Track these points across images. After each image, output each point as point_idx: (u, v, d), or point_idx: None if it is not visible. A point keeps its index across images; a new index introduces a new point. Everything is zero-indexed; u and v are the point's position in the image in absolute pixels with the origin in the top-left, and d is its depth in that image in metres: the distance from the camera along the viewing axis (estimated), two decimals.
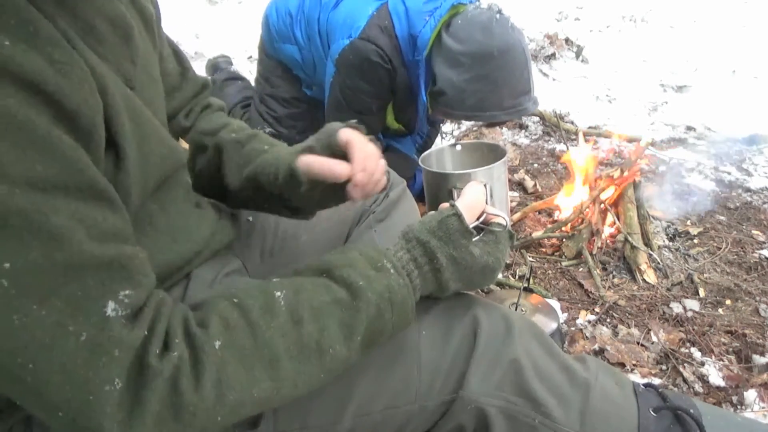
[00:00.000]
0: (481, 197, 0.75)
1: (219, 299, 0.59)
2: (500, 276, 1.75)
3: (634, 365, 1.45)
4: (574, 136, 2.56)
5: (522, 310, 1.43)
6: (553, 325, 1.43)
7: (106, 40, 0.61)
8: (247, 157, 0.86)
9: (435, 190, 0.83)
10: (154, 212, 0.71)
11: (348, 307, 0.62)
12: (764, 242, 1.96)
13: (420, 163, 0.84)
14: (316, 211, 0.90)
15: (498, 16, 1.58)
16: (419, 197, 1.69)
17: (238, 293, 0.60)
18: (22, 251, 0.45)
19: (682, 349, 1.50)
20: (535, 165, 2.40)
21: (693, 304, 1.65)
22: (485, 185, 0.81)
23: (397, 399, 0.72)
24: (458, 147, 0.91)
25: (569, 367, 0.78)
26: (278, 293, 0.60)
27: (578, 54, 3.59)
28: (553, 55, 3.51)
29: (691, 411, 0.78)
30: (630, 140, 2.59)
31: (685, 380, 1.41)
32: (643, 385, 0.83)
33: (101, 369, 0.47)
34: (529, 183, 2.22)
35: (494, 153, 0.89)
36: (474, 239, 0.72)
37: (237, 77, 2.42)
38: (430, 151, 0.87)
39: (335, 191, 0.80)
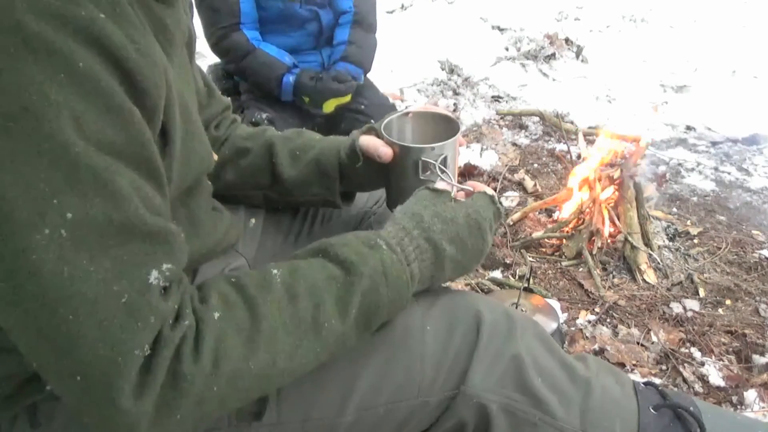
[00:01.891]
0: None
1: (218, 279, 0.61)
2: (500, 276, 1.75)
3: (634, 365, 1.45)
4: (574, 136, 2.56)
5: (522, 310, 1.44)
6: (553, 325, 1.43)
7: (173, 41, 0.65)
8: (305, 145, 0.96)
9: (400, 162, 0.85)
10: (179, 207, 0.73)
11: (342, 282, 0.63)
12: (764, 242, 1.96)
13: (383, 132, 0.85)
14: (358, 191, 1.00)
15: None
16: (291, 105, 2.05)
17: (237, 274, 0.62)
18: (85, 205, 0.47)
19: (682, 349, 1.50)
20: (535, 165, 2.40)
21: (693, 304, 1.65)
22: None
23: (400, 393, 0.72)
24: (409, 114, 0.92)
25: (570, 365, 0.78)
26: (275, 271, 0.62)
27: (578, 54, 3.59)
28: (553, 55, 3.51)
29: (691, 409, 0.78)
30: (630, 140, 2.59)
31: (685, 380, 1.41)
32: (643, 383, 0.84)
33: (136, 333, 0.49)
34: (529, 183, 2.22)
35: (446, 122, 0.91)
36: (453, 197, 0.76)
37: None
38: (390, 119, 0.88)
39: (378, 174, 0.90)
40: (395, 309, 0.68)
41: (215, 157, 0.87)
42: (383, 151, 0.85)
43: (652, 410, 0.78)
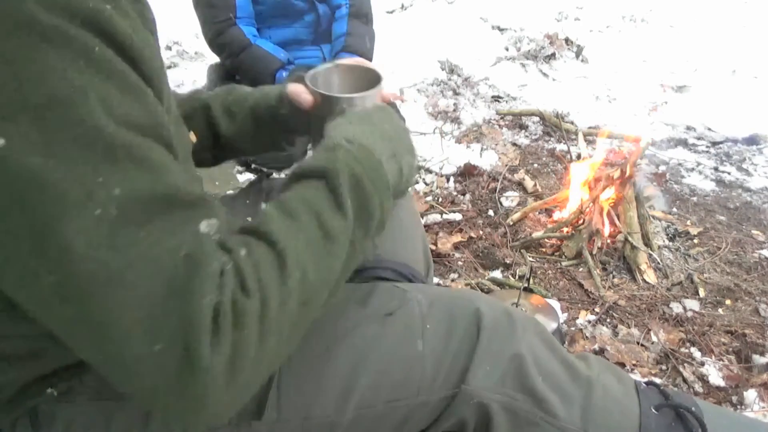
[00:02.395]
0: None
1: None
2: (500, 276, 1.75)
3: (634, 365, 1.45)
4: (574, 136, 2.56)
5: (522, 310, 1.43)
6: (553, 325, 1.43)
7: (154, 33, 0.66)
8: (238, 99, 0.97)
9: (323, 110, 0.88)
10: None
11: (327, 187, 0.62)
12: (764, 242, 1.96)
13: (308, 83, 0.88)
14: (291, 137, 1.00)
15: None
16: None
17: (231, 220, 0.63)
18: (129, 181, 0.48)
19: (682, 349, 1.50)
20: (535, 165, 2.40)
21: (693, 304, 1.65)
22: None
23: (400, 392, 0.72)
24: (337, 66, 0.95)
25: (571, 364, 0.78)
26: (264, 207, 0.62)
27: (578, 54, 3.59)
28: (553, 55, 3.51)
29: (693, 409, 0.78)
30: (630, 140, 2.59)
31: (685, 380, 1.41)
32: (645, 383, 0.84)
33: (204, 281, 0.49)
34: (529, 183, 2.22)
35: (371, 76, 0.94)
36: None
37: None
38: (318, 71, 0.90)
39: (305, 122, 0.91)
40: (383, 194, 0.66)
41: (193, 137, 0.88)
42: (305, 98, 0.86)
43: (653, 410, 0.78)
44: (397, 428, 0.75)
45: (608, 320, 1.60)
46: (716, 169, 2.48)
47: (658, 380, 1.41)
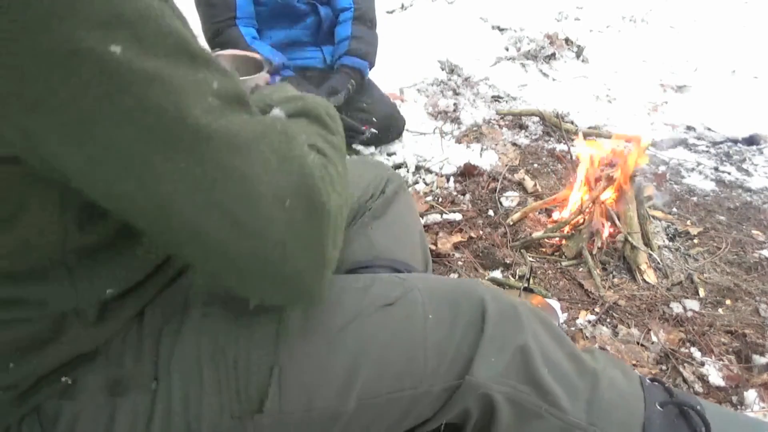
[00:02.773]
0: None
1: None
2: (500, 276, 1.75)
3: (634, 365, 1.45)
4: (574, 136, 2.56)
5: None
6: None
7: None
8: None
9: None
10: None
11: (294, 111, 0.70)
12: (764, 242, 1.96)
13: None
14: None
15: None
16: None
17: None
18: (217, 78, 0.53)
19: (682, 349, 1.50)
20: (535, 165, 2.40)
21: (693, 304, 1.65)
22: None
23: (403, 382, 0.72)
24: (217, 56, 0.97)
25: (577, 356, 0.78)
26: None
27: (578, 54, 3.59)
28: (553, 55, 3.51)
29: (697, 407, 0.78)
30: (630, 140, 2.59)
31: (685, 380, 1.41)
32: (650, 379, 0.84)
33: (302, 146, 0.58)
34: (529, 183, 2.22)
35: (253, 64, 0.97)
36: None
37: None
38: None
39: None
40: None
41: None
42: None
43: (658, 406, 0.78)
44: (401, 419, 0.75)
45: (608, 320, 1.60)
46: (716, 169, 2.48)
47: None
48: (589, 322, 1.58)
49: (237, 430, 0.68)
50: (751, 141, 2.69)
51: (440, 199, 2.10)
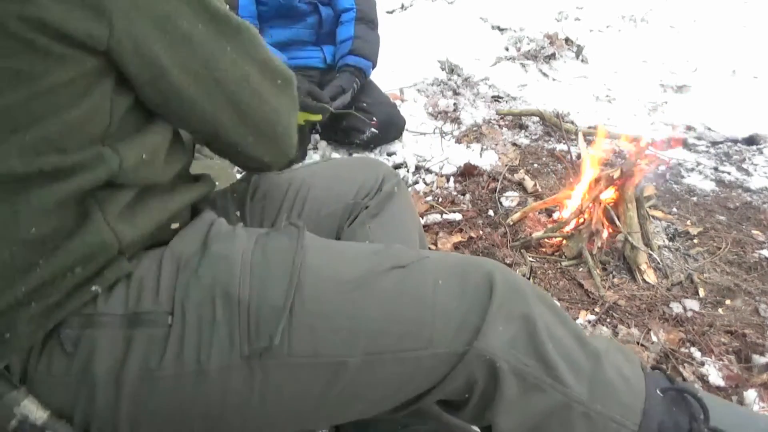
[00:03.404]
0: None
1: None
2: None
3: None
4: (574, 136, 2.56)
5: None
6: None
7: None
8: None
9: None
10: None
11: None
12: (764, 242, 1.96)
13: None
14: None
15: None
16: None
17: None
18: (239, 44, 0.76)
19: (682, 349, 1.50)
20: (535, 165, 2.40)
21: (693, 304, 1.65)
22: None
23: (409, 341, 0.72)
24: None
25: (581, 336, 0.78)
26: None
27: (578, 54, 3.59)
28: (553, 55, 3.51)
29: (697, 395, 0.78)
30: (630, 140, 2.59)
31: (684, 380, 1.41)
32: (651, 367, 0.84)
33: (293, 80, 0.86)
34: (529, 183, 2.22)
35: None
36: None
37: None
38: None
39: None
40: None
41: None
42: None
43: (658, 392, 0.78)
44: (406, 383, 0.75)
45: (608, 320, 1.60)
46: (716, 169, 2.48)
47: None
48: (589, 322, 1.58)
49: (244, 370, 0.69)
50: (751, 141, 2.69)
51: (440, 199, 2.10)
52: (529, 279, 1.68)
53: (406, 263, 0.77)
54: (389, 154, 2.39)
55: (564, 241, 1.86)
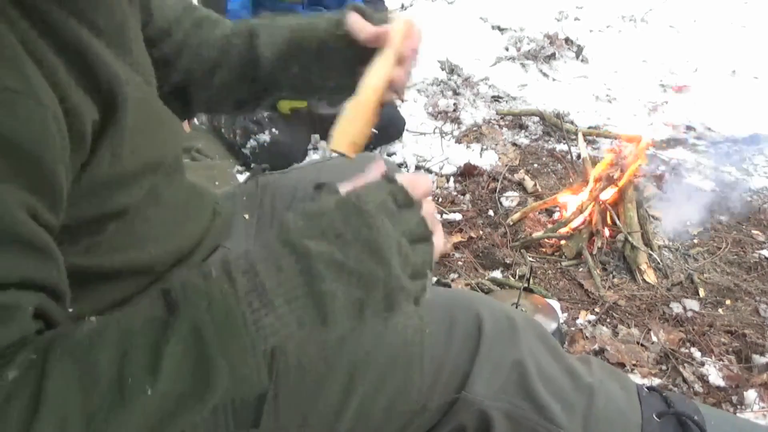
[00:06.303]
0: None
1: (35, 338, 0.53)
2: (500, 276, 1.75)
3: (634, 365, 1.45)
4: (574, 136, 2.55)
5: (522, 310, 1.43)
6: (553, 325, 1.43)
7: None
8: (282, 22, 0.88)
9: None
10: (142, 182, 0.68)
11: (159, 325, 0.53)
12: (764, 242, 1.96)
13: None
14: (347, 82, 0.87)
15: None
16: None
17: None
18: None
19: (682, 349, 1.50)
20: (535, 165, 2.40)
21: (693, 304, 1.65)
22: None
23: (399, 398, 0.72)
24: None
25: (574, 370, 0.78)
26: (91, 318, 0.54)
27: (578, 54, 3.58)
28: (553, 55, 3.51)
29: (695, 417, 0.78)
30: (630, 140, 2.59)
31: (685, 380, 1.41)
32: (648, 388, 0.83)
33: None
34: (529, 183, 2.22)
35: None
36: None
37: None
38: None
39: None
40: (236, 361, 0.50)
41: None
42: (370, 29, 0.81)
43: (655, 418, 0.78)
44: None
45: (608, 320, 1.60)
46: (716, 169, 2.48)
47: (657, 380, 1.41)
48: (589, 322, 1.58)
49: None
50: (751, 141, 2.69)
51: (440, 199, 2.10)
52: (529, 279, 1.68)
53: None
54: (389, 154, 2.39)
55: (564, 241, 1.86)
